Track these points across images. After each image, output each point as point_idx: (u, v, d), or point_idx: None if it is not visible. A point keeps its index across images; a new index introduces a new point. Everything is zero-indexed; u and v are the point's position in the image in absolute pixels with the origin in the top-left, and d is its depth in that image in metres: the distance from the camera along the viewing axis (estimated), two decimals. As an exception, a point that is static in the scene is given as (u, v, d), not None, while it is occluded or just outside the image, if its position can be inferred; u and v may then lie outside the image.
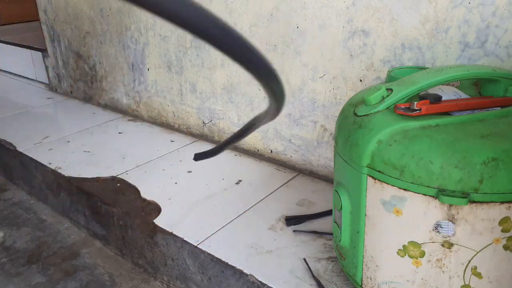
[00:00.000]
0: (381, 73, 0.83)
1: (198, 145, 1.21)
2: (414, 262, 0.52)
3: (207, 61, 1.13)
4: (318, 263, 0.72)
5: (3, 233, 1.06)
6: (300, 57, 0.94)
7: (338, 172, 0.61)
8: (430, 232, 0.50)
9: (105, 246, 1.00)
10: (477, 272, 0.50)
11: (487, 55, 0.70)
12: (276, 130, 1.05)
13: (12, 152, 1.22)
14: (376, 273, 0.57)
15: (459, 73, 0.53)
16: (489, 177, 0.45)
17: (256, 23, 0.99)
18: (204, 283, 0.79)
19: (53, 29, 1.63)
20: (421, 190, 0.48)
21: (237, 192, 0.95)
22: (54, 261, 0.95)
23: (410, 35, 0.77)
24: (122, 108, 1.48)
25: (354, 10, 0.83)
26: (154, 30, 1.23)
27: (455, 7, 0.71)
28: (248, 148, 1.14)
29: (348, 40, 0.85)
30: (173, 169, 1.07)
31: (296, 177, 1.01)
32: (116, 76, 1.44)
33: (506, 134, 0.48)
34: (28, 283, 0.89)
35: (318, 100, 0.94)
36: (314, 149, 0.99)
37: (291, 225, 0.82)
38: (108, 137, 1.27)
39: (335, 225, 0.62)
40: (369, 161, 0.52)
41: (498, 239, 0.48)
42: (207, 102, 1.19)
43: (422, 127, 0.50)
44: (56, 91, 1.77)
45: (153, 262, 0.89)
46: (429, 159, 0.47)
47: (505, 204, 0.46)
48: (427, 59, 0.77)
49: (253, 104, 1.07)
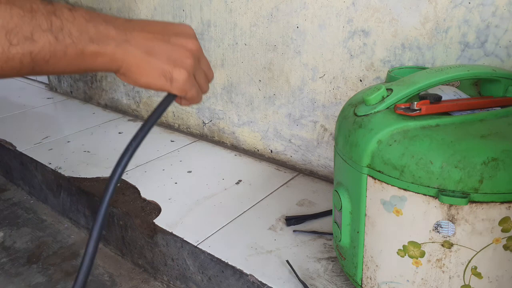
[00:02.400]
0: (381, 73, 0.83)
1: (198, 145, 1.21)
2: (414, 262, 0.52)
3: (207, 61, 1.13)
4: (318, 263, 0.72)
5: (3, 233, 1.06)
6: (300, 57, 0.94)
7: (338, 172, 0.61)
8: (430, 232, 0.50)
9: (105, 246, 1.00)
10: (477, 272, 0.50)
11: (487, 55, 0.70)
12: (276, 130, 1.05)
13: (12, 152, 1.22)
14: (376, 273, 0.57)
15: (459, 73, 0.53)
16: (489, 177, 0.45)
17: (256, 23, 0.99)
18: (204, 283, 0.79)
19: (53, 29, 1.63)
20: (421, 190, 0.48)
21: (237, 192, 0.95)
22: (54, 261, 0.95)
23: (410, 35, 0.77)
24: (122, 108, 1.48)
25: (354, 10, 0.83)
26: (154, 30, 1.23)
27: (455, 7, 0.71)
28: (248, 148, 1.14)
29: (348, 40, 0.85)
30: (173, 169, 1.07)
31: (296, 177, 1.01)
32: (116, 76, 1.44)
33: (506, 134, 0.48)
34: (28, 283, 0.89)
35: (318, 100, 0.94)
36: (314, 149, 0.99)
37: (291, 225, 0.82)
38: (108, 137, 1.27)
39: (335, 225, 0.62)
40: (369, 161, 0.52)
41: (498, 239, 0.48)
42: (207, 102, 1.19)
43: (422, 127, 0.50)
44: (56, 91, 1.77)
45: (153, 262, 0.89)
46: (429, 159, 0.47)
47: (505, 204, 0.46)
48: (427, 59, 0.77)
49: (253, 104, 1.07)
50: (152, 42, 0.50)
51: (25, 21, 0.41)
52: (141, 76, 0.50)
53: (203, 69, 0.55)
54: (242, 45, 1.03)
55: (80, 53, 0.45)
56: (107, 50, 0.47)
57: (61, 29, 0.44)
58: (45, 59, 0.43)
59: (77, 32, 0.45)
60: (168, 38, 0.52)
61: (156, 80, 0.50)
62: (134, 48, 0.49)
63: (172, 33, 0.53)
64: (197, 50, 0.53)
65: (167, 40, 0.52)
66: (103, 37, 0.47)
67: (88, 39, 0.46)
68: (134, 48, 0.49)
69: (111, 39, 0.48)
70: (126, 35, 0.49)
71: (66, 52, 0.44)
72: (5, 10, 0.40)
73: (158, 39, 0.51)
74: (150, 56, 0.50)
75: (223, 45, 1.07)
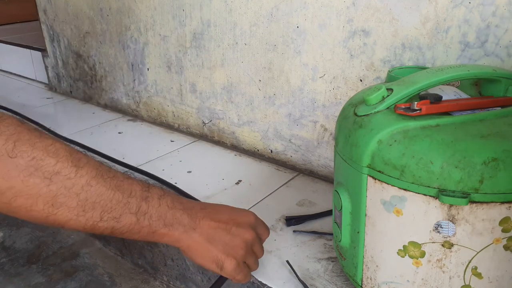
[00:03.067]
0: (381, 73, 0.83)
1: (198, 145, 1.21)
2: (414, 262, 0.52)
3: (207, 61, 1.13)
4: (318, 263, 0.72)
5: (2, 233, 1.06)
6: (300, 57, 0.94)
7: (338, 172, 0.61)
8: (431, 232, 0.50)
9: (105, 246, 1.00)
10: (478, 272, 0.50)
11: (487, 55, 0.70)
12: (276, 130, 1.05)
13: (12, 152, 1.22)
14: (376, 273, 0.57)
15: (459, 73, 0.52)
16: (489, 177, 0.45)
17: (256, 23, 0.99)
18: (204, 283, 0.79)
19: (52, 29, 1.63)
20: (421, 190, 0.48)
21: (237, 192, 0.95)
22: (54, 261, 0.95)
23: (410, 35, 0.77)
24: (121, 108, 1.48)
25: (354, 10, 0.83)
26: (154, 30, 1.23)
27: (455, 7, 0.71)
28: (248, 148, 1.14)
29: (348, 40, 0.85)
30: (173, 169, 1.07)
31: (296, 177, 1.01)
32: (115, 76, 1.44)
33: (506, 134, 0.47)
34: (28, 283, 0.89)
35: (318, 100, 0.94)
36: (314, 149, 0.99)
37: (291, 225, 0.82)
38: (108, 137, 1.27)
39: (335, 225, 0.62)
40: (369, 161, 0.52)
41: (499, 239, 0.48)
42: (207, 102, 1.19)
43: (422, 127, 0.50)
44: (55, 91, 1.77)
45: (153, 262, 0.89)
46: (429, 159, 0.47)
47: (506, 204, 0.46)
48: (427, 59, 0.77)
49: (253, 104, 1.07)
50: (215, 231, 0.59)
51: (120, 206, 0.50)
52: (196, 257, 0.59)
53: (255, 253, 0.63)
54: (242, 45, 1.03)
55: (152, 232, 0.53)
56: (175, 234, 0.55)
57: (145, 213, 0.52)
58: (122, 233, 0.51)
59: (157, 217, 0.53)
60: (230, 228, 0.60)
61: (209, 264, 0.59)
62: (199, 235, 0.57)
63: (234, 223, 0.61)
64: (252, 240, 0.62)
65: (228, 230, 0.60)
66: (176, 223, 0.55)
67: (163, 223, 0.54)
68: (199, 235, 0.57)
69: (182, 226, 0.56)
70: (195, 223, 0.58)
71: (141, 231, 0.52)
72: (109, 195, 0.49)
73: (221, 228, 0.60)
74: (209, 244, 0.58)
75: (223, 45, 1.07)
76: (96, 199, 0.47)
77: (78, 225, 0.47)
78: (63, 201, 0.45)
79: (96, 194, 0.47)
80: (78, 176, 0.46)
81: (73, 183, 0.46)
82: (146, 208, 0.52)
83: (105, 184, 0.48)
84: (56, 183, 0.44)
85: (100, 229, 0.49)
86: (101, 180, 0.48)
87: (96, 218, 0.48)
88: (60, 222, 0.46)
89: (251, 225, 0.63)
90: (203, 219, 0.58)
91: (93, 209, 0.47)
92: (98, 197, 0.47)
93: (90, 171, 0.47)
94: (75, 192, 0.46)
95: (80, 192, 0.46)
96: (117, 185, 0.50)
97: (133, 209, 0.51)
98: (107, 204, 0.48)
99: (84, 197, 0.46)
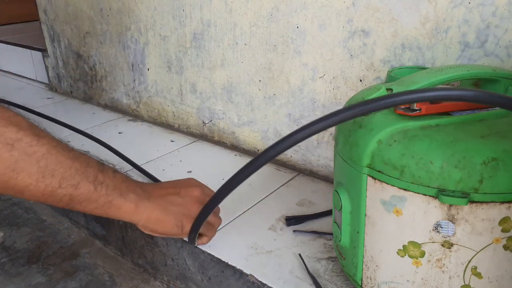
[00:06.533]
0: (381, 73, 0.83)
1: (198, 145, 1.21)
2: (414, 262, 0.52)
3: (207, 61, 1.13)
4: (318, 263, 0.72)
5: (3, 233, 1.06)
6: (300, 57, 0.94)
7: (338, 172, 0.61)
8: (430, 232, 0.50)
9: (105, 246, 1.00)
10: (477, 272, 0.50)
11: (487, 55, 0.70)
12: (276, 130, 1.05)
13: (12, 152, 1.22)
14: (376, 273, 0.57)
15: (459, 73, 0.53)
16: (489, 177, 0.45)
17: (256, 23, 0.99)
18: (204, 283, 0.79)
19: (53, 29, 1.63)
20: (421, 190, 0.48)
21: (237, 192, 0.95)
22: (54, 261, 0.95)
23: (410, 35, 0.77)
24: (122, 108, 1.48)
25: (354, 10, 0.83)
26: (154, 30, 1.23)
27: (455, 7, 0.71)
28: (248, 148, 1.14)
29: (348, 40, 0.85)
30: (173, 169, 1.07)
31: (296, 177, 1.01)
32: (116, 76, 1.44)
33: (506, 134, 0.48)
34: (28, 283, 0.89)
35: (318, 100, 0.94)
36: (314, 149, 0.99)
37: (291, 225, 0.82)
38: (108, 137, 1.27)
39: (335, 225, 0.62)
40: (369, 161, 0.52)
41: (498, 239, 0.48)
42: (207, 102, 1.19)
43: (422, 127, 0.50)
44: (56, 91, 1.77)
45: (153, 262, 0.89)
46: (429, 159, 0.47)
47: (505, 204, 0.46)
48: (427, 59, 0.77)
49: (253, 104, 1.07)
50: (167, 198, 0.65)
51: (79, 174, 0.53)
52: (158, 227, 0.64)
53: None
54: (242, 45, 1.03)
55: (109, 202, 0.57)
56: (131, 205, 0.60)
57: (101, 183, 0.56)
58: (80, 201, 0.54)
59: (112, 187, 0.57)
60: (179, 191, 0.67)
61: (172, 230, 0.65)
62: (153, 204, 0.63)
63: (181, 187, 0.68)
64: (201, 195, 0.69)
65: (178, 193, 0.67)
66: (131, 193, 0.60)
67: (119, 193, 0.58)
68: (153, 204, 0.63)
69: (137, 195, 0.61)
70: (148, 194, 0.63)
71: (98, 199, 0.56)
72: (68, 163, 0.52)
73: (171, 193, 0.66)
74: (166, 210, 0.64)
75: (223, 45, 1.07)
76: (56, 166, 0.50)
77: (37, 191, 0.49)
78: (24, 166, 0.47)
79: (56, 162, 0.50)
80: (39, 145, 0.49)
81: (34, 151, 0.48)
82: (103, 178, 0.56)
83: (65, 153, 0.52)
84: (18, 149, 0.47)
85: (58, 196, 0.51)
86: (60, 150, 0.52)
87: (55, 185, 0.50)
88: (20, 187, 0.48)
89: (196, 185, 0.70)
90: (153, 190, 0.64)
91: (52, 176, 0.50)
92: (57, 164, 0.50)
93: (51, 142, 0.51)
94: (35, 159, 0.48)
95: (41, 159, 0.49)
96: (76, 156, 0.54)
97: (91, 178, 0.54)
98: (66, 171, 0.51)
99: (44, 164, 0.49)
